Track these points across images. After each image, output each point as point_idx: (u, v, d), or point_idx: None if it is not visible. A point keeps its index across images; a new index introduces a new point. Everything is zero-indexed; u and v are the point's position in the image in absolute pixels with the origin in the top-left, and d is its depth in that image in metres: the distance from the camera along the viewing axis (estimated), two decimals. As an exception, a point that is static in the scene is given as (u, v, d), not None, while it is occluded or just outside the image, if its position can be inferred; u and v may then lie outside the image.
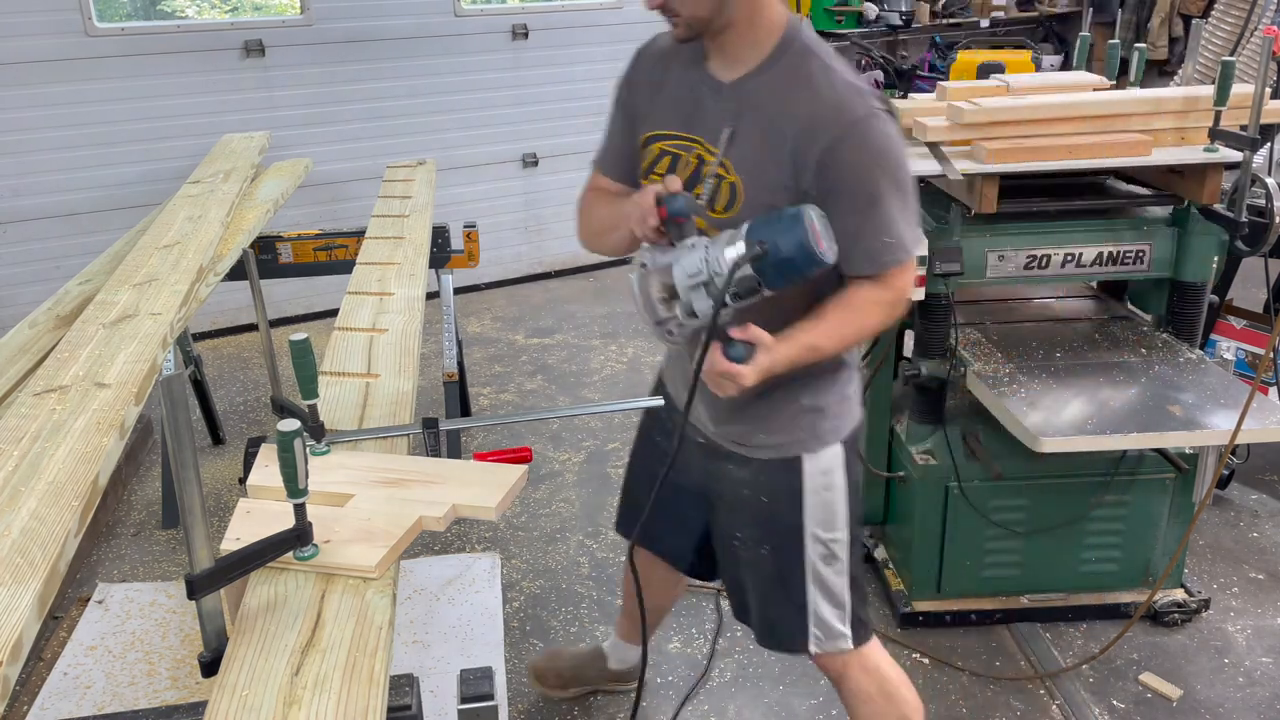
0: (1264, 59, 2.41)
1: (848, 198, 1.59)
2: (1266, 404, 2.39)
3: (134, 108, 4.76)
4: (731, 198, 1.67)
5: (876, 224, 1.61)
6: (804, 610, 1.91)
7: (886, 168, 1.60)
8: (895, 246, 1.63)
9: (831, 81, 1.61)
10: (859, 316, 1.68)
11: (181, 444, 1.26)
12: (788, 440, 1.84)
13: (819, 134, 1.58)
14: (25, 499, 1.59)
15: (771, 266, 1.45)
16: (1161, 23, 6.37)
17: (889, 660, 2.03)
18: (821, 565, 1.90)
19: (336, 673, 1.27)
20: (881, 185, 1.59)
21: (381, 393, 2.12)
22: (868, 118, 1.58)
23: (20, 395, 1.95)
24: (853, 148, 1.58)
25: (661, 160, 1.77)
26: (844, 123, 1.57)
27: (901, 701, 1.99)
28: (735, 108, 1.66)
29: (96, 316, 2.31)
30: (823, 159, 1.58)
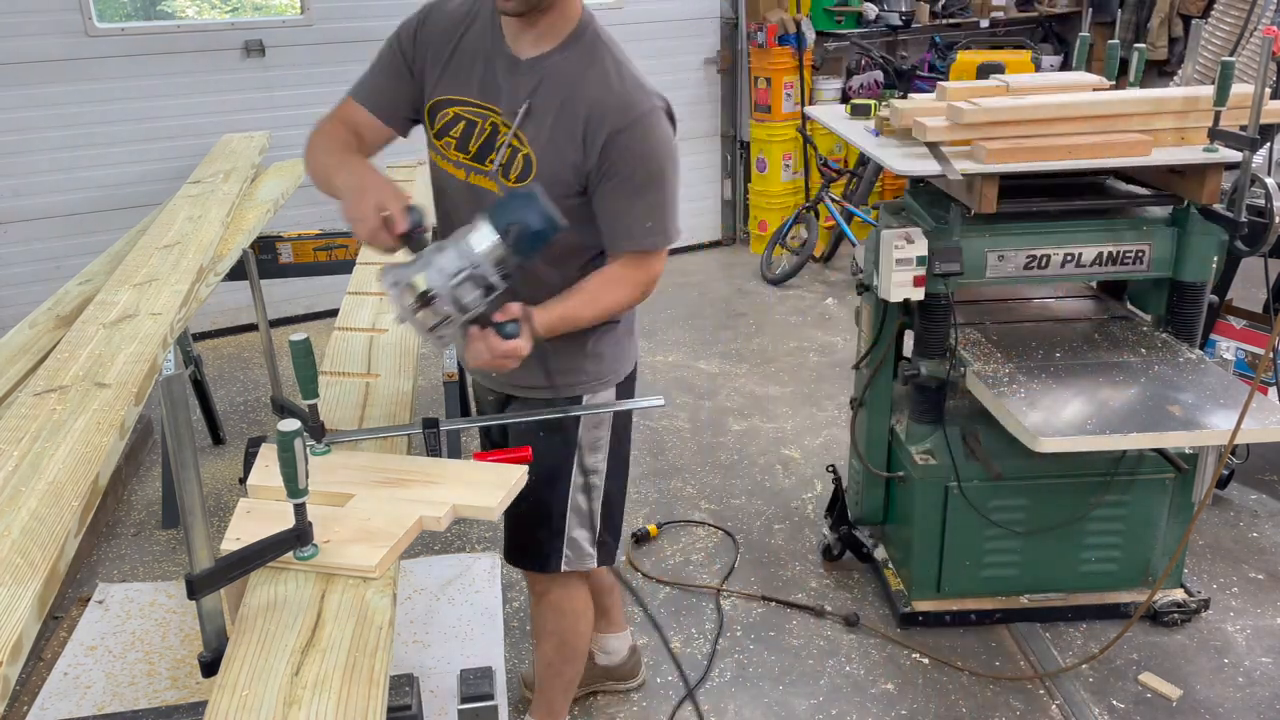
0: (1264, 59, 2.41)
1: (622, 181, 1.74)
2: (1266, 404, 2.39)
3: (134, 108, 4.76)
4: (525, 169, 1.79)
5: (643, 208, 1.76)
6: (560, 534, 2.07)
7: (660, 160, 1.75)
8: (654, 230, 1.78)
9: (621, 75, 1.75)
10: (612, 289, 1.82)
11: (181, 444, 1.26)
12: (571, 382, 1.99)
13: (607, 120, 1.71)
14: (25, 499, 1.59)
15: (526, 242, 1.58)
16: (1161, 23, 6.37)
17: (586, 588, 2.23)
18: (580, 495, 2.07)
19: (336, 673, 1.27)
20: (653, 175, 1.75)
21: (381, 393, 2.13)
22: (651, 112, 1.73)
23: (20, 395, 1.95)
24: (634, 138, 1.72)
25: (457, 124, 1.84)
26: (630, 114, 1.71)
27: (587, 622, 2.24)
28: (531, 84, 1.75)
29: (96, 316, 2.31)
30: (607, 143, 1.72)
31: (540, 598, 2.20)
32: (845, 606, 2.95)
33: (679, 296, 5.70)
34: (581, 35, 1.76)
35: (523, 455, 1.80)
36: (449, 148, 1.87)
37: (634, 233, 1.78)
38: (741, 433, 4.06)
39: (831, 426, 4.07)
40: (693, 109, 6.24)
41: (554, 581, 2.15)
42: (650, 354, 4.87)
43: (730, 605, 3.00)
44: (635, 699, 2.63)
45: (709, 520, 3.44)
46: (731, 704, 2.62)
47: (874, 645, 2.81)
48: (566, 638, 2.23)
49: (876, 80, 6.40)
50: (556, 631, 2.22)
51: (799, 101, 6.00)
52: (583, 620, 2.23)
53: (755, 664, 2.76)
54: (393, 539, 1.52)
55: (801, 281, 5.81)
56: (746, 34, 6.08)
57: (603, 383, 2.05)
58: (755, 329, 5.17)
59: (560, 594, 2.18)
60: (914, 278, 2.53)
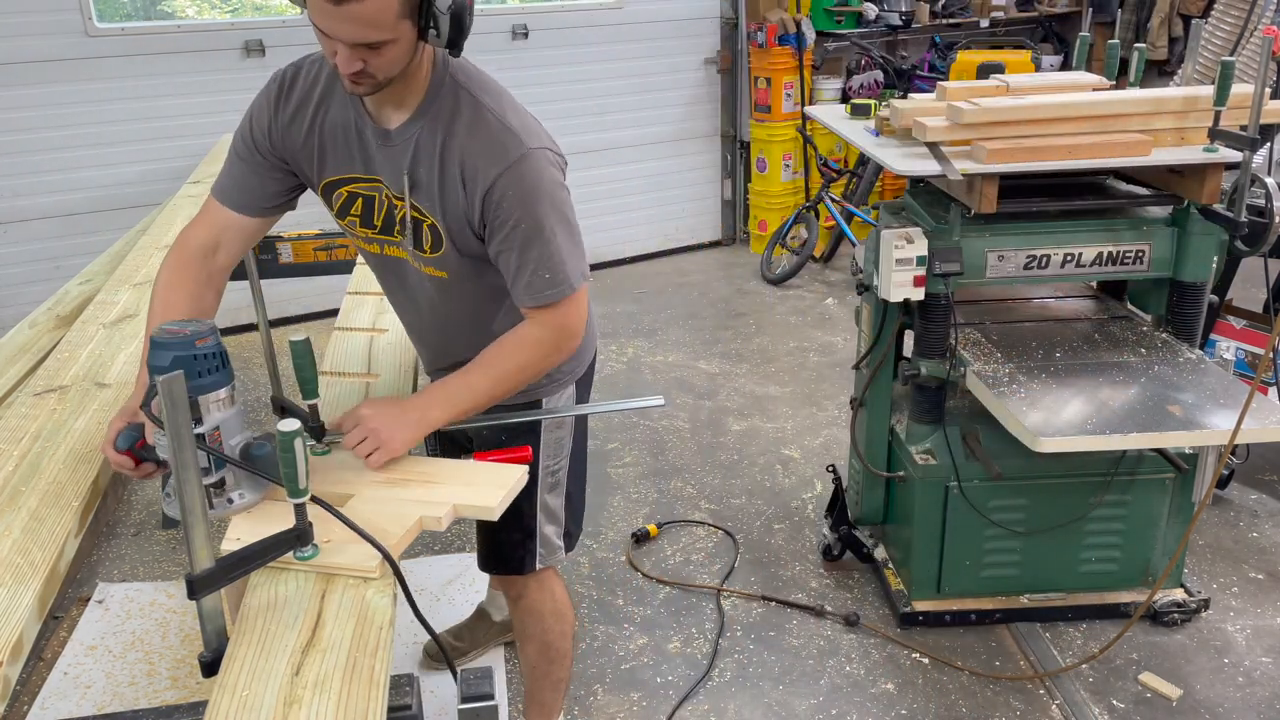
0: (1264, 59, 2.41)
1: (509, 233, 1.67)
2: (1266, 404, 2.39)
3: (134, 108, 4.76)
4: (435, 239, 1.75)
5: (535, 259, 1.68)
6: (532, 534, 2.07)
7: (543, 206, 1.66)
8: (553, 281, 1.70)
9: (490, 120, 1.66)
10: (515, 354, 1.75)
11: (181, 444, 1.26)
12: (531, 386, 1.91)
13: (480, 170, 1.64)
14: (25, 499, 1.59)
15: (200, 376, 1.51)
16: (1161, 23, 6.37)
17: (562, 583, 2.23)
18: (548, 494, 2.06)
19: (337, 673, 1.27)
20: (538, 222, 1.66)
21: (381, 393, 2.13)
22: (525, 157, 1.64)
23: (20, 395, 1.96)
24: (510, 184, 1.64)
25: (354, 202, 1.80)
26: (504, 161, 1.63)
27: (567, 621, 2.23)
28: (406, 154, 1.69)
29: (96, 316, 2.31)
30: (486, 195, 1.65)
31: (516, 602, 2.19)
32: (845, 606, 2.95)
33: (679, 296, 5.70)
34: (439, 90, 1.68)
35: (523, 455, 1.80)
36: (355, 225, 1.84)
37: (533, 286, 1.70)
38: (741, 433, 4.06)
39: (831, 426, 4.07)
40: (693, 109, 6.24)
41: (528, 585, 2.15)
42: (650, 354, 4.87)
43: (730, 605, 3.00)
44: (635, 699, 2.64)
45: (709, 520, 3.44)
46: (731, 704, 2.62)
47: (874, 645, 2.81)
48: (548, 639, 2.23)
49: (876, 80, 6.40)
50: (537, 635, 2.22)
51: (799, 101, 6.00)
52: (563, 620, 2.23)
53: (755, 664, 2.76)
54: (392, 539, 1.51)
55: (801, 281, 5.81)
56: (746, 34, 6.08)
57: (560, 383, 2.01)
58: (755, 329, 5.17)
59: (536, 597, 2.17)
60: (914, 278, 2.53)
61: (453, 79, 1.68)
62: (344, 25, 1.49)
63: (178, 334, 1.51)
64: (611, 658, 2.79)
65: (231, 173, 1.81)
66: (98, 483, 1.70)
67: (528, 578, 2.13)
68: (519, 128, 1.67)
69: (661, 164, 6.24)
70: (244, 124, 1.79)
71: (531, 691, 2.32)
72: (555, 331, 1.76)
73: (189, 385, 1.49)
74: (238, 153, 1.80)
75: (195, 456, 1.30)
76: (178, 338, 1.50)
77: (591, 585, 3.11)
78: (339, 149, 1.75)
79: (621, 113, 5.97)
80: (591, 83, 5.80)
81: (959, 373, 2.62)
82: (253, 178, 1.79)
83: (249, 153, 1.79)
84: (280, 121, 1.76)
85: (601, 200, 6.00)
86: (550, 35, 5.64)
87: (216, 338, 1.54)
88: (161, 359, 1.49)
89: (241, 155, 1.79)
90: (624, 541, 3.32)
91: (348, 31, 1.50)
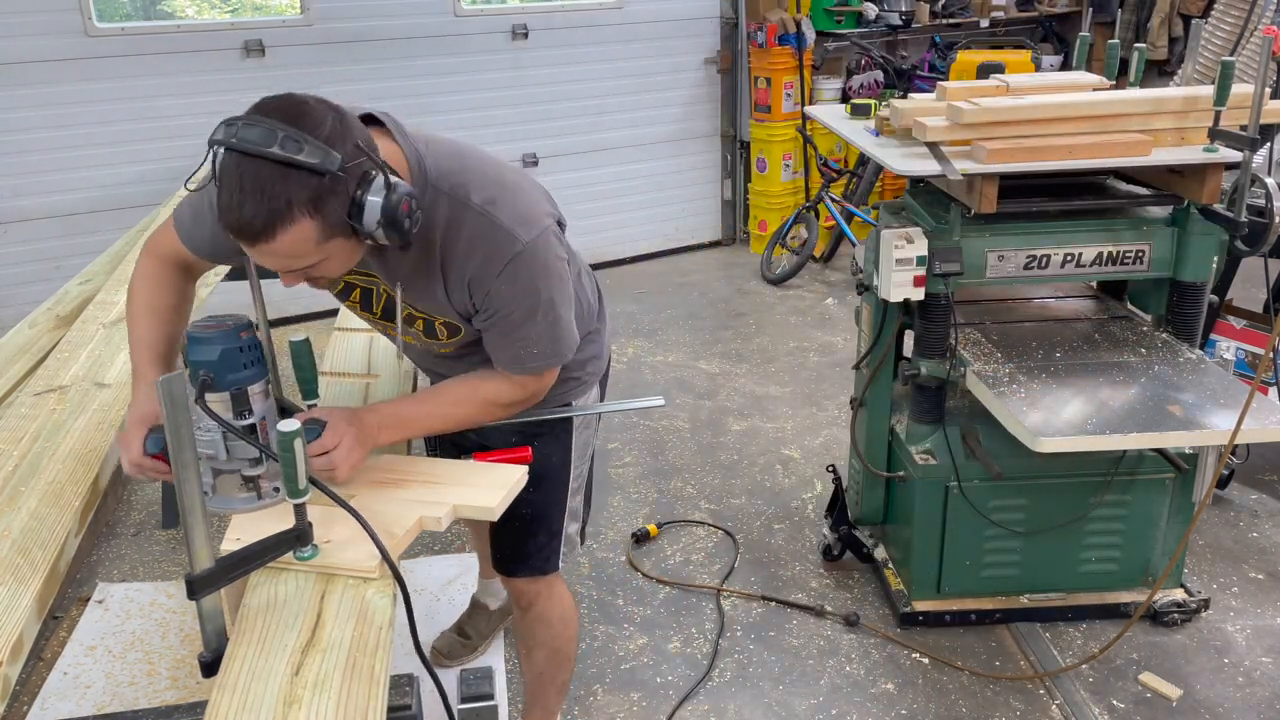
0: (1264, 59, 2.41)
1: (504, 318, 1.67)
2: (1266, 404, 2.39)
3: (134, 108, 4.76)
4: (450, 331, 1.78)
5: (525, 339, 1.70)
6: (558, 535, 2.07)
7: (538, 294, 1.66)
8: (541, 355, 1.73)
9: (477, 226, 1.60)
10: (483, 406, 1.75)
11: (181, 444, 1.26)
12: (562, 391, 1.96)
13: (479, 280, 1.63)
14: (25, 499, 1.59)
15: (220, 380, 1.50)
16: (1161, 23, 6.37)
17: (567, 588, 2.21)
18: (574, 497, 2.09)
19: (336, 672, 1.27)
20: (535, 307, 1.67)
21: (381, 393, 2.13)
22: (520, 254, 1.61)
23: (20, 395, 1.96)
24: (507, 282, 1.63)
25: (353, 291, 1.79)
26: (499, 265, 1.61)
27: (573, 626, 2.23)
28: (392, 268, 1.67)
29: (96, 316, 2.31)
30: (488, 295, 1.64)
31: (527, 611, 2.16)
32: (845, 606, 2.95)
33: (679, 296, 5.70)
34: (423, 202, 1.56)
35: (523, 455, 1.80)
36: (355, 308, 1.85)
37: (521, 358, 1.73)
38: (741, 433, 4.06)
39: (831, 426, 4.07)
40: (693, 109, 6.24)
41: (539, 593, 2.13)
42: (650, 354, 4.87)
43: (730, 605, 3.00)
44: (635, 699, 2.64)
45: (709, 520, 3.44)
46: (731, 704, 2.62)
47: (874, 645, 2.81)
48: (558, 644, 2.22)
49: (876, 80, 6.40)
50: (547, 642, 2.20)
51: (799, 101, 6.00)
52: (570, 625, 2.22)
53: (755, 664, 2.76)
54: (392, 539, 1.52)
55: (801, 281, 5.81)
56: (746, 34, 6.08)
57: (586, 384, 2.05)
58: (755, 329, 5.17)
59: (546, 604, 2.15)
60: (914, 278, 2.53)
61: (434, 188, 1.59)
62: (267, 259, 1.44)
63: (219, 327, 1.50)
64: (611, 658, 2.79)
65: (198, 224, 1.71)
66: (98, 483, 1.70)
67: (539, 586, 2.12)
68: (511, 221, 1.61)
69: (661, 164, 6.24)
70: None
71: (535, 695, 2.31)
72: (528, 394, 1.79)
73: (236, 377, 1.50)
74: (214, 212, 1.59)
75: (195, 456, 1.30)
76: (221, 330, 1.49)
77: (591, 585, 3.11)
78: None
79: (621, 112, 5.97)
80: (591, 83, 5.80)
81: (959, 373, 2.62)
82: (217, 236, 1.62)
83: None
84: None
85: (601, 200, 6.00)
86: (550, 35, 5.64)
87: (253, 330, 1.54)
88: (207, 353, 1.47)
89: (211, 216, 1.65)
90: (624, 541, 3.32)
91: (273, 264, 1.46)
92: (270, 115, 1.38)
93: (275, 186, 1.35)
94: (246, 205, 1.35)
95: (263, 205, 1.35)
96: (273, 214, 1.36)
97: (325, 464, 1.57)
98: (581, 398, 2.04)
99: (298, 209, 1.37)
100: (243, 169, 1.35)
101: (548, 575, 2.11)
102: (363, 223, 1.43)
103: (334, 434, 1.58)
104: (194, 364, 1.48)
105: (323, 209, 1.39)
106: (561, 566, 2.12)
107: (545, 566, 2.10)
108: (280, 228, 1.37)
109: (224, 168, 1.37)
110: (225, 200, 1.37)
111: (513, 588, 2.15)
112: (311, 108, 1.42)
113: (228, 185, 1.36)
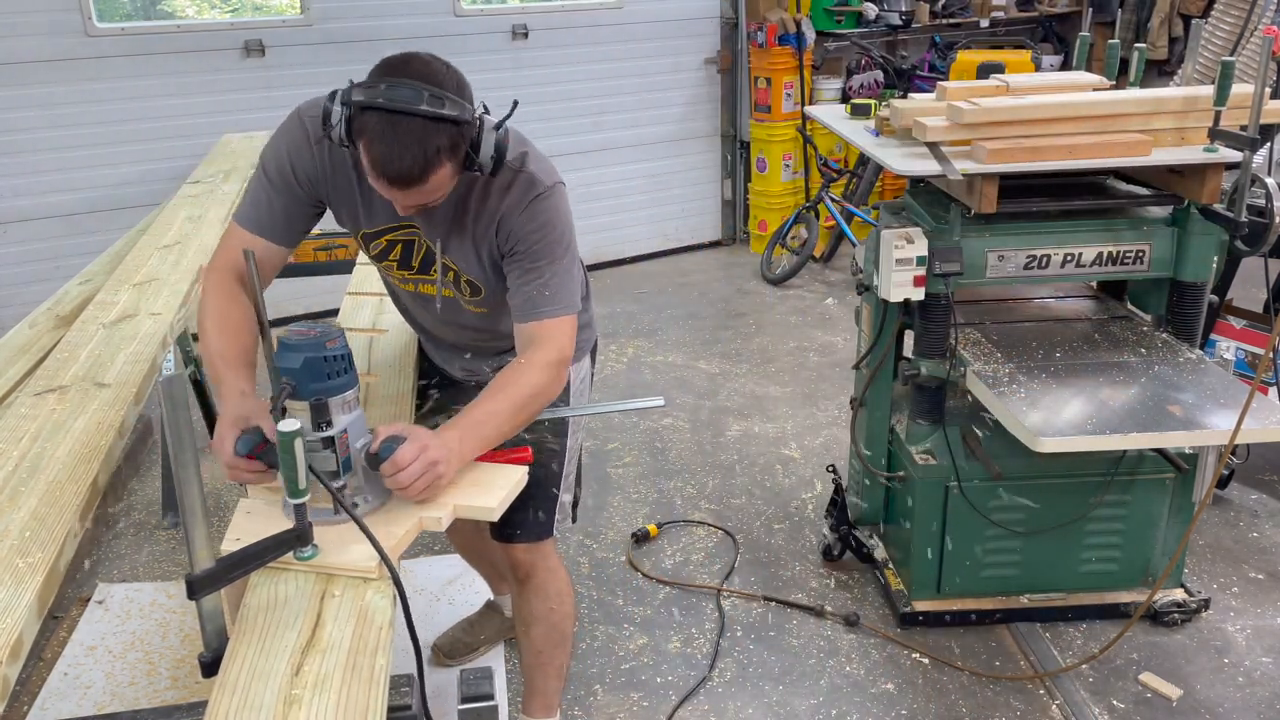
0: (1264, 59, 2.41)
1: (521, 256, 1.81)
2: (1266, 404, 2.39)
3: (134, 108, 4.76)
4: (474, 289, 1.93)
5: (540, 280, 1.81)
6: (554, 501, 2.15)
7: (555, 233, 1.82)
8: (552, 299, 1.82)
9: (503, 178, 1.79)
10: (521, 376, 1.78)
11: (181, 444, 1.26)
12: None
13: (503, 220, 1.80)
14: (25, 499, 1.59)
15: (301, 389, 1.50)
16: (1161, 23, 6.37)
17: (563, 565, 2.27)
18: (569, 463, 2.17)
19: (336, 672, 1.27)
20: (549, 245, 1.81)
21: (381, 393, 2.12)
22: (545, 194, 1.81)
23: (20, 395, 1.96)
24: (530, 216, 1.80)
25: (394, 249, 1.93)
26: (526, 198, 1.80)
27: (570, 604, 2.26)
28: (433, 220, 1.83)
29: (96, 316, 2.31)
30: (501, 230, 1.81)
31: (525, 583, 2.21)
32: (845, 606, 2.95)
33: (679, 296, 5.69)
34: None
35: (523, 455, 1.80)
36: (392, 269, 1.98)
37: (535, 301, 1.81)
38: (741, 432, 4.06)
39: (831, 426, 4.07)
40: (693, 109, 6.24)
41: (537, 563, 2.17)
42: (650, 354, 4.87)
43: (730, 605, 3.00)
44: (635, 699, 2.64)
45: (709, 520, 3.44)
46: (731, 704, 2.62)
47: (874, 645, 2.81)
48: (554, 620, 2.24)
49: (876, 80, 6.40)
50: (543, 616, 2.23)
51: (799, 101, 6.00)
52: (566, 601, 2.25)
53: (755, 664, 2.76)
54: (393, 539, 1.52)
55: (801, 281, 5.81)
56: (746, 34, 6.08)
57: (581, 353, 2.15)
58: (755, 329, 5.17)
59: (545, 576, 2.19)
60: (914, 278, 2.53)
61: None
62: (410, 198, 1.66)
63: (306, 335, 1.51)
64: (611, 658, 2.79)
65: (268, 205, 1.84)
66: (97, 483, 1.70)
67: (535, 556, 2.16)
68: (536, 171, 1.82)
69: (661, 164, 6.24)
70: (279, 159, 1.83)
71: (533, 681, 2.33)
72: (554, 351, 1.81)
73: (319, 387, 1.49)
74: (274, 185, 1.83)
75: (195, 456, 1.30)
76: (307, 339, 1.50)
77: (591, 585, 3.11)
78: (374, 205, 1.84)
79: (621, 112, 5.97)
80: (591, 82, 5.80)
81: (959, 373, 2.62)
82: (294, 208, 1.85)
83: (287, 186, 1.83)
84: (322, 168, 1.83)
85: (601, 200, 6.00)
86: (550, 35, 5.64)
87: (344, 340, 1.55)
88: (292, 360, 1.48)
89: (279, 188, 1.83)
90: (624, 541, 3.32)
91: (412, 200, 1.66)
92: (408, 75, 1.60)
93: (427, 138, 1.57)
94: (405, 156, 1.57)
95: (419, 155, 1.57)
96: (427, 162, 1.59)
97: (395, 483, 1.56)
98: (575, 363, 2.11)
99: (444, 154, 1.61)
100: (397, 125, 1.56)
101: (544, 541, 2.16)
102: (479, 157, 1.67)
103: (412, 448, 1.56)
104: (281, 370, 1.49)
105: (458, 151, 1.64)
106: (556, 533, 2.19)
107: (541, 531, 2.15)
108: (431, 172, 1.60)
109: (374, 125, 1.57)
110: (382, 153, 1.57)
111: (511, 556, 2.17)
112: (435, 66, 1.65)
113: (382, 140, 1.57)
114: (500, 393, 1.76)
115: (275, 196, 1.83)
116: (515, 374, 1.78)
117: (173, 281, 2.50)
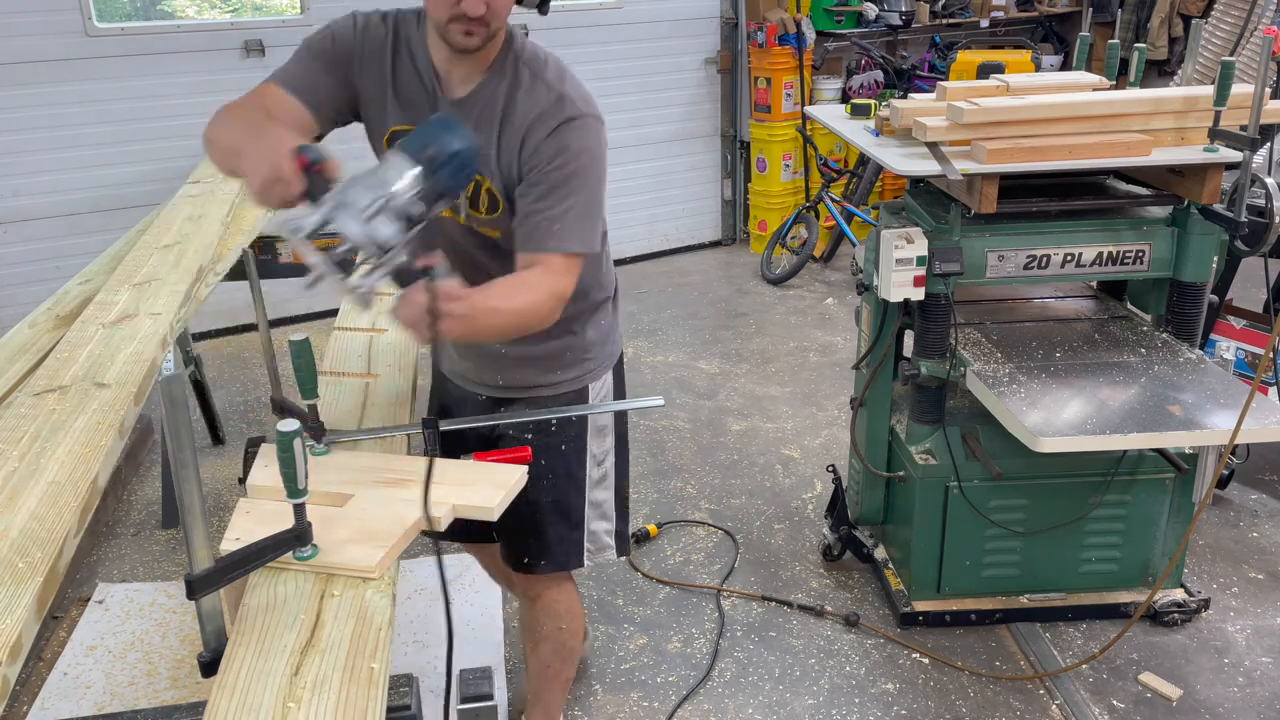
0: (1264, 59, 2.41)
1: (539, 178, 1.74)
2: (1266, 404, 2.39)
3: (134, 108, 4.76)
4: (492, 201, 1.82)
5: (552, 210, 1.73)
6: (580, 528, 2.09)
7: (580, 162, 1.75)
8: (559, 233, 1.73)
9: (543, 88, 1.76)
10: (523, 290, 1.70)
11: (181, 444, 1.26)
12: (578, 374, 2.03)
13: (535, 129, 1.74)
14: (25, 499, 1.59)
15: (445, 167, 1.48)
16: (1161, 23, 6.37)
17: (575, 588, 2.24)
18: (596, 487, 2.09)
19: (336, 673, 1.27)
20: (571, 175, 1.74)
21: (381, 393, 2.13)
22: (578, 118, 1.75)
23: (20, 395, 1.95)
24: (559, 136, 1.73)
25: None
26: (559, 117, 1.73)
27: (579, 620, 2.25)
28: (469, 119, 1.74)
29: (96, 316, 2.31)
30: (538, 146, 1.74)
31: (534, 601, 2.19)
32: (845, 606, 2.95)
33: (679, 296, 5.69)
34: (503, 65, 1.78)
35: (522, 455, 1.80)
36: None
37: (540, 230, 1.73)
38: (741, 433, 4.06)
39: (831, 426, 4.07)
40: (693, 109, 6.24)
41: (548, 585, 2.14)
42: (650, 354, 4.87)
43: (730, 605, 3.00)
44: (635, 699, 2.64)
45: (709, 520, 3.44)
46: (731, 704, 2.62)
47: (874, 645, 2.81)
48: (564, 639, 2.23)
49: (876, 80, 6.39)
50: (553, 635, 2.22)
51: (799, 101, 6.00)
52: (575, 618, 2.23)
53: (755, 664, 2.76)
54: (392, 539, 1.52)
55: (801, 281, 5.81)
56: (746, 34, 6.07)
57: (603, 367, 2.07)
58: (755, 329, 5.17)
59: (554, 595, 2.17)
60: (914, 278, 2.53)
61: (515, 56, 1.79)
62: None
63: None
64: (611, 658, 2.79)
65: (303, 65, 1.81)
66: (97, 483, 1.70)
67: (549, 580, 2.12)
68: (574, 96, 1.77)
69: (661, 164, 6.24)
70: (322, 34, 1.83)
71: (538, 692, 2.32)
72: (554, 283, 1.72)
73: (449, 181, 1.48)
74: (313, 52, 1.81)
75: (195, 456, 1.30)
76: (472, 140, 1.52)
77: (591, 585, 3.11)
78: (409, 104, 1.82)
79: (621, 113, 5.96)
80: (591, 82, 5.72)
81: (959, 373, 2.62)
82: (325, 76, 1.80)
83: (324, 53, 1.81)
84: (362, 54, 1.81)
85: (601, 200, 5.99)
86: (550, 35, 5.61)
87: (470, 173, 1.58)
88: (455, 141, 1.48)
89: (317, 55, 1.81)
90: (624, 541, 3.32)
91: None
92: None
93: None
94: None
95: None
96: None
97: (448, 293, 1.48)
98: (597, 380, 2.06)
99: None
100: None
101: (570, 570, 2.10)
102: None
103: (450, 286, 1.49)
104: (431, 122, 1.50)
105: None
106: (588, 562, 2.11)
107: (567, 563, 2.10)
108: None
109: None
110: None
111: (520, 579, 2.15)
112: None
113: None
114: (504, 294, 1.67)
115: (312, 61, 1.81)
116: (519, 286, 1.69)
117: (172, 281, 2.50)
